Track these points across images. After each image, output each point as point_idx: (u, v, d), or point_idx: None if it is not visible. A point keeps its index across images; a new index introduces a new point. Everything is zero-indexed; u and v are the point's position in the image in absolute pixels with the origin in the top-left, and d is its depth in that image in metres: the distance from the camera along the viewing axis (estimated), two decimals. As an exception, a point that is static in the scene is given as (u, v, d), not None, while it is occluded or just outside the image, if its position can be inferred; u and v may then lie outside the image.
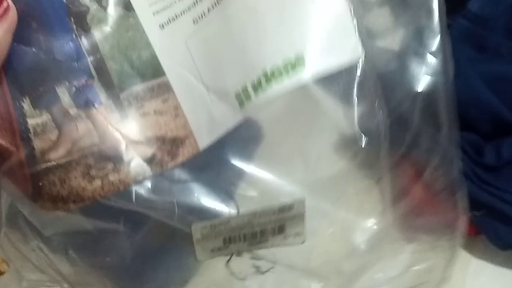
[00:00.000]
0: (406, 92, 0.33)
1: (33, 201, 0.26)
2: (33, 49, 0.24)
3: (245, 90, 0.25)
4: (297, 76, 0.24)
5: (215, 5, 0.25)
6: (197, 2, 0.25)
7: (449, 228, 0.40)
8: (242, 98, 0.26)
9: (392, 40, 0.33)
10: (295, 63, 0.24)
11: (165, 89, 0.26)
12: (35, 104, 0.25)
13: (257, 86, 0.25)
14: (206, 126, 0.27)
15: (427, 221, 0.45)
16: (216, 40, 0.25)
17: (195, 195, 0.26)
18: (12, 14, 0.24)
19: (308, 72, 0.25)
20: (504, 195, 0.49)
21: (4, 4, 0.23)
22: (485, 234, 0.51)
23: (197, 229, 0.28)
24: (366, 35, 0.27)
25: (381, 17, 0.32)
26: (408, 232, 0.52)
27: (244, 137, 0.28)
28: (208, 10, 0.25)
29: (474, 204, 0.51)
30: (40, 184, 0.25)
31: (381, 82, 0.30)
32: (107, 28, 0.25)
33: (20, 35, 0.24)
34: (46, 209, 0.26)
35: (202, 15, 0.25)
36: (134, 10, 0.25)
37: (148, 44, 0.25)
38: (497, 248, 0.51)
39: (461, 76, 0.57)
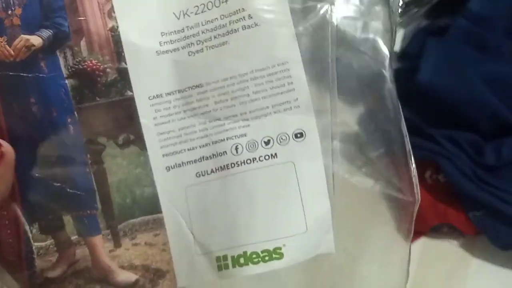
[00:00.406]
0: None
1: None
2: (49, 181, 0.27)
3: (225, 258, 0.28)
4: (271, 264, 0.28)
5: (219, 170, 0.28)
6: (203, 158, 0.28)
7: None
8: (221, 263, 0.28)
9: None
10: (273, 254, 0.27)
11: (159, 225, 0.29)
12: (42, 230, 0.29)
13: (235, 261, 0.28)
14: (186, 271, 0.29)
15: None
16: (212, 201, 0.28)
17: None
18: (9, 156, 0.26)
19: (283, 263, 0.28)
20: (504, 195, 0.49)
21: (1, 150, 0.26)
22: (485, 234, 0.51)
23: None
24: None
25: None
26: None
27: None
28: (211, 171, 0.28)
29: (474, 204, 0.51)
30: None
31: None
32: (119, 164, 0.28)
33: (40, 168, 0.27)
34: None
35: (205, 172, 0.28)
36: (146, 149, 0.28)
37: (152, 182, 0.28)
38: (497, 248, 0.51)
39: (461, 76, 0.57)
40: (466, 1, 0.63)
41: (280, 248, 0.27)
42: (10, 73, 0.26)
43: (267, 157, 0.28)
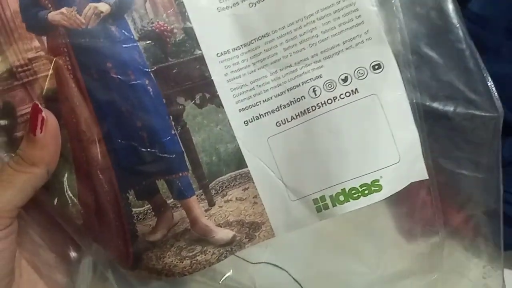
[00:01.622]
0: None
1: (131, 270, 0.31)
2: (138, 147, 0.28)
3: (323, 199, 0.29)
4: (372, 197, 0.29)
5: (299, 115, 0.29)
6: (280, 107, 0.29)
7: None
8: (320, 205, 0.29)
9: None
10: (371, 187, 0.29)
11: (246, 179, 0.30)
12: (138, 196, 0.29)
13: (335, 200, 0.29)
14: (283, 218, 0.31)
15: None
16: (297, 147, 0.29)
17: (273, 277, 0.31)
18: (52, 122, 0.28)
19: (382, 195, 0.29)
20: (504, 195, 0.49)
21: (41, 116, 0.27)
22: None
23: None
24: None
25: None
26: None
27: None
28: (291, 118, 0.29)
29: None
30: (140, 258, 0.31)
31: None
32: (200, 124, 0.28)
33: (127, 134, 0.28)
34: (141, 278, 0.31)
35: (285, 120, 0.30)
36: (223, 106, 0.29)
37: (233, 138, 0.29)
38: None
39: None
40: (466, 1, 0.63)
41: (377, 180, 0.28)
42: (85, 40, 0.26)
43: (348, 94, 0.28)
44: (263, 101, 0.29)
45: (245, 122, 0.29)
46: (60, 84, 0.27)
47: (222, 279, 0.33)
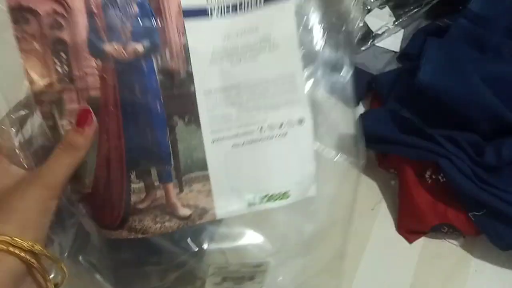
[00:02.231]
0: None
1: (114, 230, 0.41)
2: (143, 144, 0.40)
3: (254, 198, 0.42)
4: (282, 202, 0.42)
5: (248, 143, 0.41)
6: (237, 135, 0.41)
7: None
8: (251, 202, 0.42)
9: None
10: (283, 195, 0.42)
11: (206, 178, 0.42)
12: (137, 176, 0.41)
13: (261, 200, 0.42)
14: (224, 207, 0.42)
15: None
16: (243, 162, 0.42)
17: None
18: (94, 121, 0.38)
19: (289, 201, 0.43)
20: (504, 195, 0.49)
21: (90, 117, 0.38)
22: (486, 234, 0.51)
23: (211, 269, 0.45)
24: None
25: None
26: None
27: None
28: (243, 144, 0.41)
29: (475, 204, 0.51)
30: (126, 220, 0.41)
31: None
32: (185, 137, 0.41)
33: (139, 135, 0.39)
34: (123, 236, 0.42)
35: (238, 145, 0.41)
36: (201, 128, 0.41)
37: (203, 150, 0.41)
38: (497, 248, 0.51)
39: (461, 76, 0.57)
40: (467, 1, 0.63)
41: (288, 192, 0.42)
42: (125, 68, 0.38)
43: (280, 135, 0.41)
44: (227, 129, 0.41)
45: (213, 141, 0.41)
46: (103, 94, 0.38)
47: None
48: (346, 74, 0.43)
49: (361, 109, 0.65)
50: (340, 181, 0.45)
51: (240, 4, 0.40)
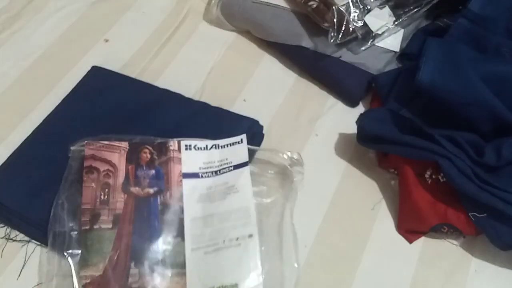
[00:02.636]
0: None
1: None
2: (144, 244, 0.56)
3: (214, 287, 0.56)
4: None
5: (214, 250, 0.56)
6: (208, 245, 0.56)
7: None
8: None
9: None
10: (234, 286, 0.55)
11: (183, 274, 0.55)
12: (135, 265, 0.55)
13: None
14: None
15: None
16: (207, 264, 0.56)
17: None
18: None
19: None
20: (504, 195, 0.49)
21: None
22: (486, 234, 0.51)
23: None
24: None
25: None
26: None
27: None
28: (212, 251, 0.56)
29: (474, 204, 0.51)
30: None
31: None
32: (174, 244, 0.57)
33: (144, 235, 0.56)
34: None
35: (208, 252, 0.56)
36: (184, 241, 0.56)
37: (183, 255, 0.56)
38: (497, 248, 0.51)
39: (461, 76, 0.57)
40: (467, 1, 0.63)
41: (237, 284, 0.55)
42: (141, 202, 0.58)
43: (236, 245, 0.56)
44: (202, 242, 0.57)
45: (192, 250, 0.56)
46: (123, 214, 0.57)
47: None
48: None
49: (361, 109, 0.65)
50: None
51: (219, 171, 0.61)
